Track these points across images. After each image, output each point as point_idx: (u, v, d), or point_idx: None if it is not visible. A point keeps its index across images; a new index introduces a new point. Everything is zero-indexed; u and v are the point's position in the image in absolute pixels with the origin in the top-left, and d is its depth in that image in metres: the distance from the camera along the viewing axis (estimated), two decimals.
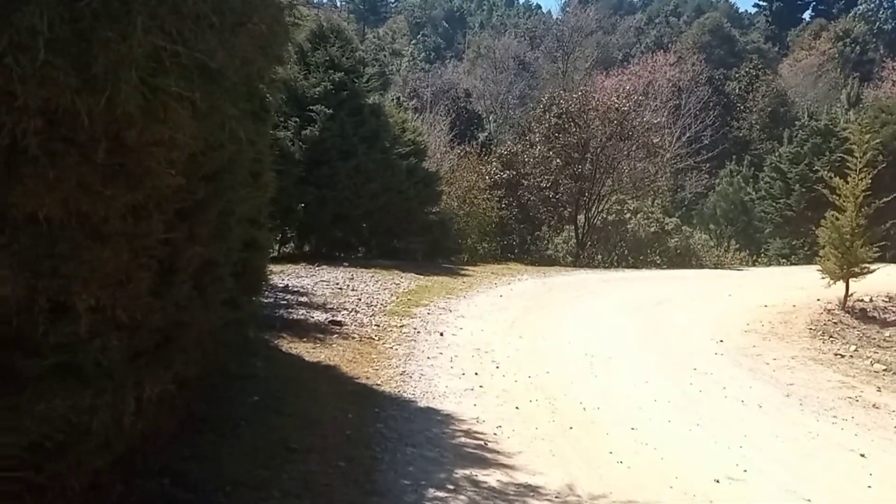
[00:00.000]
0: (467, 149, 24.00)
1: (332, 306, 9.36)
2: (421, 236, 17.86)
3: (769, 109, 35.98)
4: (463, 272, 14.92)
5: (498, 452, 5.05)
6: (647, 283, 15.55)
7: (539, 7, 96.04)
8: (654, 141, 21.84)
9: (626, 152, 21.34)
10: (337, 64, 15.65)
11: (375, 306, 9.77)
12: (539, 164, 21.94)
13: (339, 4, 78.61)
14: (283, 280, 11.08)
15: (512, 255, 21.54)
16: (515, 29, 67.91)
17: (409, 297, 10.87)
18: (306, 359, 6.62)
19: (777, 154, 29.35)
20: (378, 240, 16.93)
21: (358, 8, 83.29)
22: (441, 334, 8.44)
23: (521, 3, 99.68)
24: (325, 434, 5.00)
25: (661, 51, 36.48)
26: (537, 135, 22.34)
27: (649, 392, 6.95)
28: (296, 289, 10.39)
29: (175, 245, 3.15)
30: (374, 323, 8.69)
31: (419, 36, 79.40)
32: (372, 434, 5.14)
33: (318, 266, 12.82)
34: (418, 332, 8.42)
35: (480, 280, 13.94)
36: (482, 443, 5.22)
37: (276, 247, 15.86)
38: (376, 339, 7.85)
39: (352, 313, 9.07)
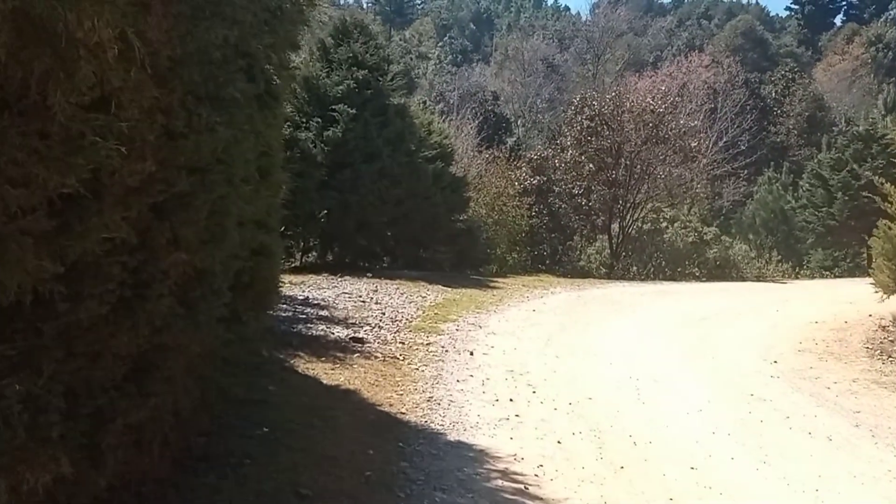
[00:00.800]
0: (496, 153, 23.31)
1: (354, 321, 8.71)
2: (448, 245, 17.23)
3: (806, 114, 34.78)
4: (492, 284, 14.21)
5: (541, 499, 4.33)
6: (688, 297, 14.72)
7: (567, 9, 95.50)
8: (692, 145, 20.96)
9: (661, 157, 20.49)
10: (360, 61, 15.05)
11: (400, 321, 9.10)
12: (570, 170, 21.21)
13: (364, 6, 78.49)
14: (303, 292, 10.48)
15: (543, 266, 20.78)
16: (544, 31, 67.42)
17: (436, 311, 10.20)
18: (324, 381, 5.96)
19: (816, 160, 28.31)
20: (403, 249, 16.30)
21: (384, 9, 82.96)
22: (471, 353, 7.74)
23: (549, 4, 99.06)
24: (341, 475, 4.32)
25: (696, 51, 35.44)
26: (568, 139, 21.59)
27: (705, 422, 6.19)
28: (316, 301, 9.77)
29: (152, 249, 2.50)
30: (398, 340, 8.02)
31: (446, 38, 79.03)
32: (395, 474, 4.46)
33: (340, 277, 12.20)
34: (446, 351, 7.73)
35: (511, 293, 13.22)
36: (522, 486, 4.50)
37: (298, 256, 15.30)
38: (401, 358, 7.18)
39: (375, 329, 8.41)
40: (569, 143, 21.54)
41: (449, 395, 6.03)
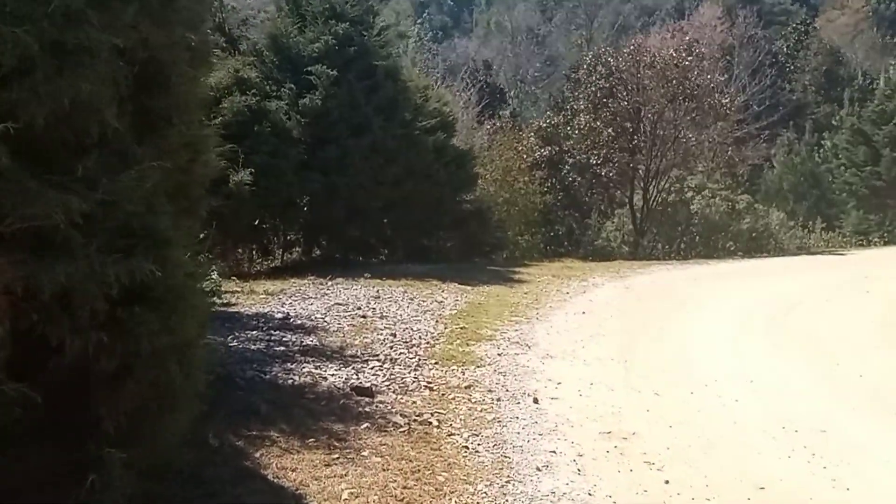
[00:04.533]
0: (498, 124, 20.66)
1: (354, 352, 6.11)
2: (455, 231, 14.66)
3: (823, 69, 32.07)
4: (516, 276, 11.63)
5: None
6: (749, 280, 12.21)
7: None
8: (724, 101, 18.33)
9: (689, 117, 17.85)
10: (340, 13, 12.34)
11: (419, 346, 6.50)
12: (585, 138, 18.52)
13: None
14: (282, 306, 7.88)
15: (561, 248, 18.23)
16: (525, 3, 65.19)
17: (461, 323, 7.60)
18: None
19: (841, 115, 25.82)
20: (403, 238, 13.70)
21: None
22: (535, 401, 5.16)
23: None
24: None
25: (708, 4, 32.58)
26: (581, 102, 18.90)
27: None
28: (300, 321, 7.15)
29: None
30: (423, 382, 5.41)
31: (424, 15, 76.64)
32: None
33: (331, 280, 9.58)
34: (498, 400, 5.13)
35: (544, 288, 10.64)
36: None
37: (279, 253, 12.65)
38: (434, 422, 4.58)
39: (386, 364, 5.80)
40: (581, 107, 18.87)
41: None
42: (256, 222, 11.73)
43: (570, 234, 19.61)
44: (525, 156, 18.28)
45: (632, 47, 18.51)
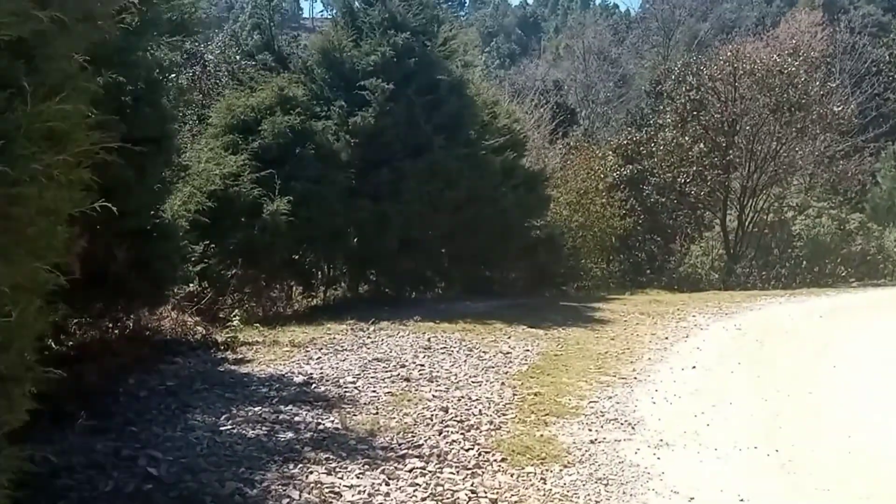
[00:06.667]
0: (571, 142, 18.87)
1: (387, 441, 4.37)
2: (522, 261, 12.98)
3: None
4: (597, 315, 9.76)
5: None
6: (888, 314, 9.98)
7: (616, 6, 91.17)
8: (836, 109, 16.06)
9: (794, 129, 15.66)
10: (400, 23, 10.89)
11: (478, 428, 4.72)
12: (671, 154, 16.53)
13: None
14: (307, 361, 6.27)
15: (642, 277, 16.18)
16: (595, 26, 64.03)
17: (535, 387, 5.78)
18: None
19: None
20: (463, 270, 12.06)
21: None
22: None
23: (597, 3, 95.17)
24: None
25: (806, 9, 30.08)
26: (668, 115, 16.94)
27: None
28: (323, 387, 5.49)
29: None
30: (484, 501, 3.63)
31: (492, 43, 75.96)
32: None
33: (374, 325, 7.93)
34: None
35: (634, 330, 8.71)
36: None
37: (322, 291, 11.05)
38: None
39: (431, 464, 4.05)
40: (668, 121, 16.89)
41: None
42: (297, 256, 10.27)
43: (652, 261, 17.55)
44: (603, 175, 16.43)
45: (728, 54, 16.40)
